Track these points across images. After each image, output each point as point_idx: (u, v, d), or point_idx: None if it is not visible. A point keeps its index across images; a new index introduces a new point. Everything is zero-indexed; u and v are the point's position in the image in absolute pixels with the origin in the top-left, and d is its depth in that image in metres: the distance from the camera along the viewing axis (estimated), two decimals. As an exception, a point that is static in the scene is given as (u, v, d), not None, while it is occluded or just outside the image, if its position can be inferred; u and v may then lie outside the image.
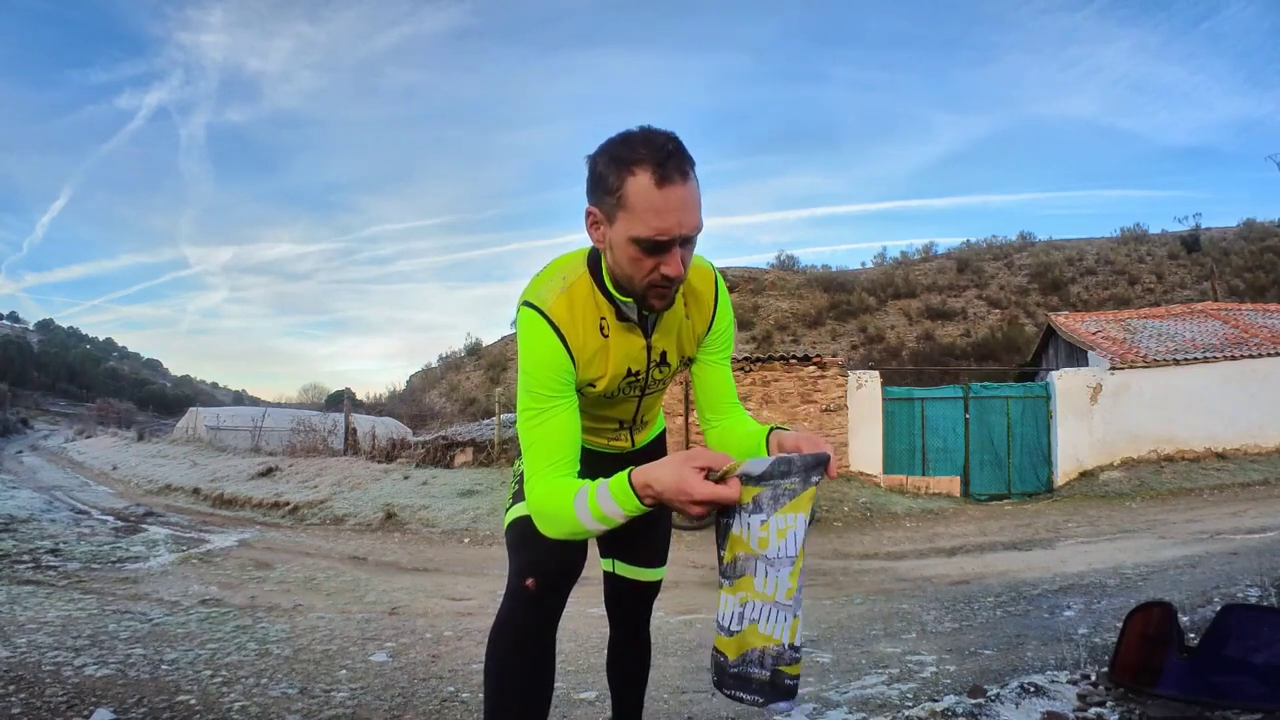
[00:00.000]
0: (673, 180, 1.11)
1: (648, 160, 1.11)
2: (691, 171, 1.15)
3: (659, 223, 1.12)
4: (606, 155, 1.16)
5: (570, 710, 2.51)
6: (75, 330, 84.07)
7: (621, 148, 1.14)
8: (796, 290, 37.13)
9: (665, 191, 1.11)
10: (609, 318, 1.28)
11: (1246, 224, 35.38)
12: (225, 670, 2.92)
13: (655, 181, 1.11)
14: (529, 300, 1.25)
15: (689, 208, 1.14)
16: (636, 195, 1.12)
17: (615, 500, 1.09)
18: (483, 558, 7.08)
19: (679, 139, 1.15)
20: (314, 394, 42.22)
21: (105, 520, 8.71)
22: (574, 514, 1.13)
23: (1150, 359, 12.10)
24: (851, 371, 12.03)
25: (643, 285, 1.19)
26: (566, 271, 1.29)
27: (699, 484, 1.02)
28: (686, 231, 1.15)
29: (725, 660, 1.13)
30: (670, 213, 1.12)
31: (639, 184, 1.12)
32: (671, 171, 1.11)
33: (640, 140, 1.13)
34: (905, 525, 9.08)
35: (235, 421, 22.29)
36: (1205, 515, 8.08)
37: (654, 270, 1.17)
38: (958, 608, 4.20)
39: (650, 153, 1.12)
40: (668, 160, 1.11)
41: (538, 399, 1.22)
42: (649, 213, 1.12)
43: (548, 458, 1.20)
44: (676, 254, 1.16)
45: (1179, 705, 1.51)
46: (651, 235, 1.13)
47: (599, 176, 1.17)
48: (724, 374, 1.44)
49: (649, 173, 1.11)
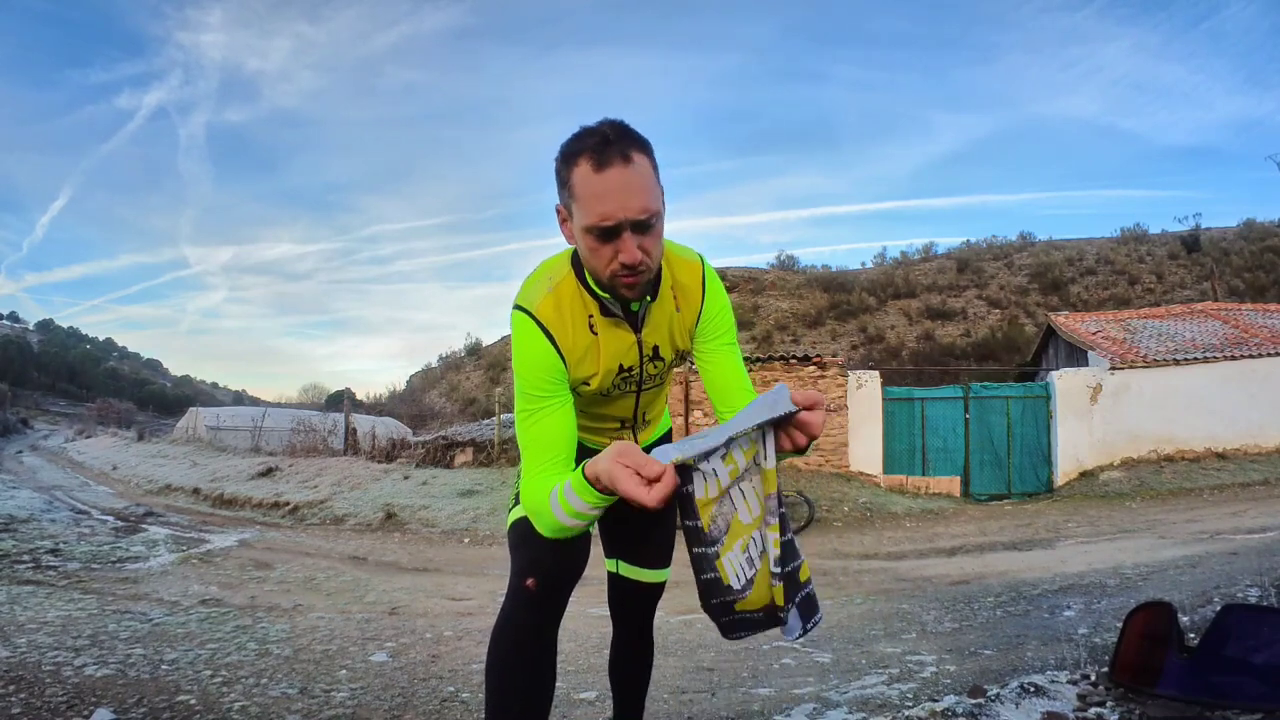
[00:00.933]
0: (611, 164, 1.12)
1: (587, 149, 1.13)
2: (638, 155, 1.14)
3: (601, 208, 1.12)
4: (560, 151, 1.18)
5: (570, 710, 2.51)
6: (75, 330, 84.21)
7: (570, 142, 1.17)
8: (796, 290, 37.13)
9: (603, 176, 1.12)
10: (596, 315, 1.28)
11: (1246, 224, 35.41)
12: (225, 670, 2.92)
13: (593, 167, 1.12)
14: (518, 303, 1.27)
15: (632, 190, 1.12)
16: (580, 184, 1.14)
17: (577, 493, 1.09)
18: (483, 558, 7.08)
19: (625, 124, 1.16)
20: (314, 394, 42.28)
21: (105, 520, 8.71)
22: (550, 510, 1.14)
23: (1150, 359, 12.10)
24: (851, 371, 12.03)
25: (608, 276, 1.19)
26: (553, 272, 1.30)
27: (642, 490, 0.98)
28: (632, 215, 1.13)
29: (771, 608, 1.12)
30: (610, 196, 1.12)
31: (581, 173, 1.13)
32: (610, 156, 1.12)
33: (585, 132, 1.16)
34: (905, 525, 9.08)
35: (235, 421, 22.30)
36: (1205, 515, 8.08)
37: (613, 259, 1.16)
38: (958, 608, 4.20)
39: (589, 141, 1.13)
40: (606, 146, 1.12)
41: (531, 399, 1.23)
42: (591, 199, 1.13)
43: (540, 457, 1.20)
44: (629, 239, 1.14)
45: (1179, 705, 1.51)
46: (596, 222, 1.13)
47: (557, 173, 1.19)
48: (729, 360, 1.38)
49: (588, 160, 1.12)
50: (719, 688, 2.74)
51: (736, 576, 1.12)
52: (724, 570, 1.12)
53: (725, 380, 1.38)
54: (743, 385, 1.38)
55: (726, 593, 1.13)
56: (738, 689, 2.71)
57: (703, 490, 1.08)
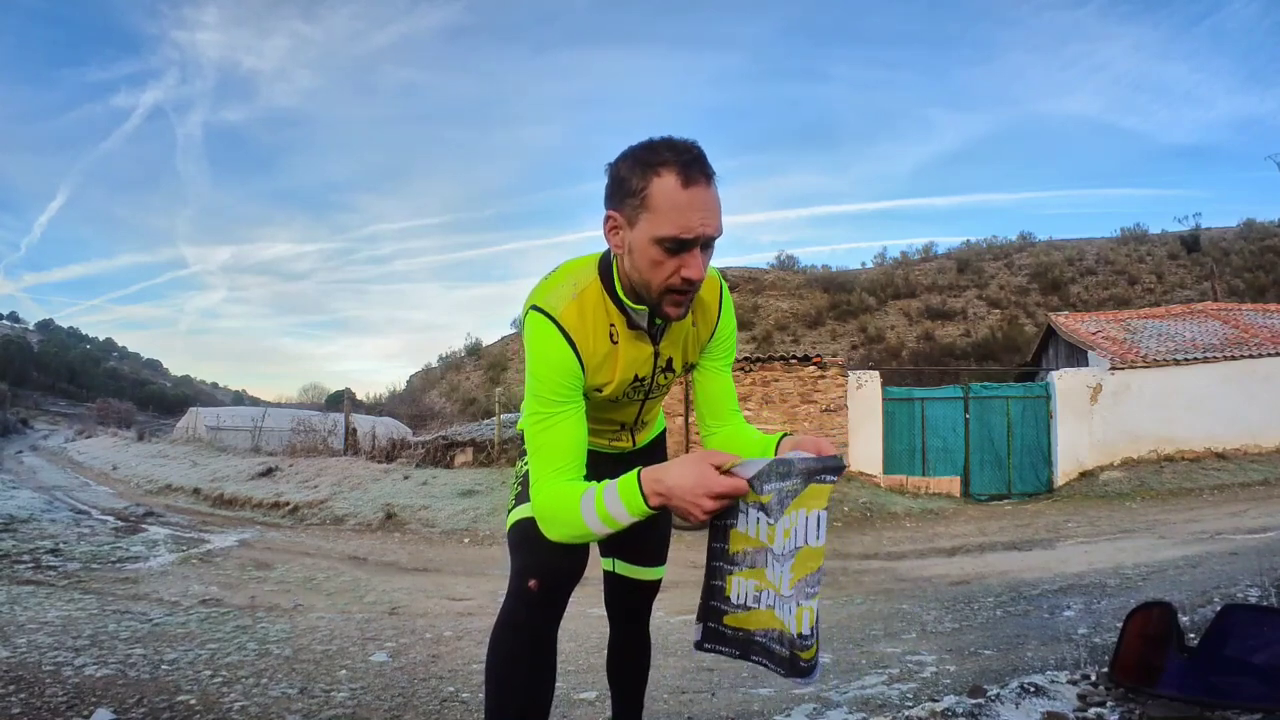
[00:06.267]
0: (698, 181, 1.13)
1: (673, 162, 1.13)
2: (713, 179, 1.17)
3: (684, 221, 1.13)
4: (630, 159, 1.17)
5: (570, 710, 2.51)
6: (75, 330, 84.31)
7: (645, 152, 1.16)
8: (796, 290, 37.14)
9: (690, 191, 1.13)
10: (619, 325, 1.29)
11: (1246, 224, 35.40)
12: (225, 670, 2.92)
13: (681, 182, 1.13)
14: (539, 305, 1.25)
15: (712, 209, 1.16)
16: (661, 195, 1.13)
17: (623, 501, 1.11)
18: (483, 558, 7.08)
19: (700, 146, 1.17)
20: (314, 394, 42.29)
21: (105, 520, 8.70)
22: (580, 516, 1.15)
23: (1150, 359, 12.10)
24: (851, 372, 12.03)
25: (660, 289, 1.20)
26: (577, 277, 1.29)
27: (718, 478, 1.07)
28: (710, 232, 1.16)
29: (744, 632, 1.19)
30: (695, 211, 1.14)
31: (664, 184, 1.13)
32: (696, 173, 1.13)
33: (664, 145, 1.15)
34: (905, 525, 9.08)
35: (235, 421, 22.31)
36: (1205, 515, 8.08)
37: (674, 273, 1.18)
38: (958, 608, 4.20)
39: (675, 155, 1.14)
40: (693, 162, 1.14)
41: (546, 404, 1.22)
42: (674, 211, 1.13)
43: (554, 462, 1.21)
44: (698, 255, 1.17)
45: (1179, 705, 1.51)
46: (676, 234, 1.14)
47: (621, 180, 1.17)
48: (725, 381, 1.46)
49: (674, 173, 1.13)
50: (719, 688, 2.74)
51: (738, 595, 1.20)
52: (730, 585, 1.20)
53: (720, 395, 1.46)
54: (734, 404, 1.47)
55: (724, 601, 1.22)
56: (738, 689, 2.71)
57: (743, 526, 1.16)
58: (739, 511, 1.15)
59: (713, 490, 1.06)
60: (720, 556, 1.20)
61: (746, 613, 1.18)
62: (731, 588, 1.19)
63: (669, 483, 1.08)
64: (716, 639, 1.24)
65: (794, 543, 1.09)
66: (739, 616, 1.19)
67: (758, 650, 1.19)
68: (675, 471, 1.09)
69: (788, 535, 1.09)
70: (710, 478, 1.07)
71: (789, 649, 1.13)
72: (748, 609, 1.18)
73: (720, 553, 1.20)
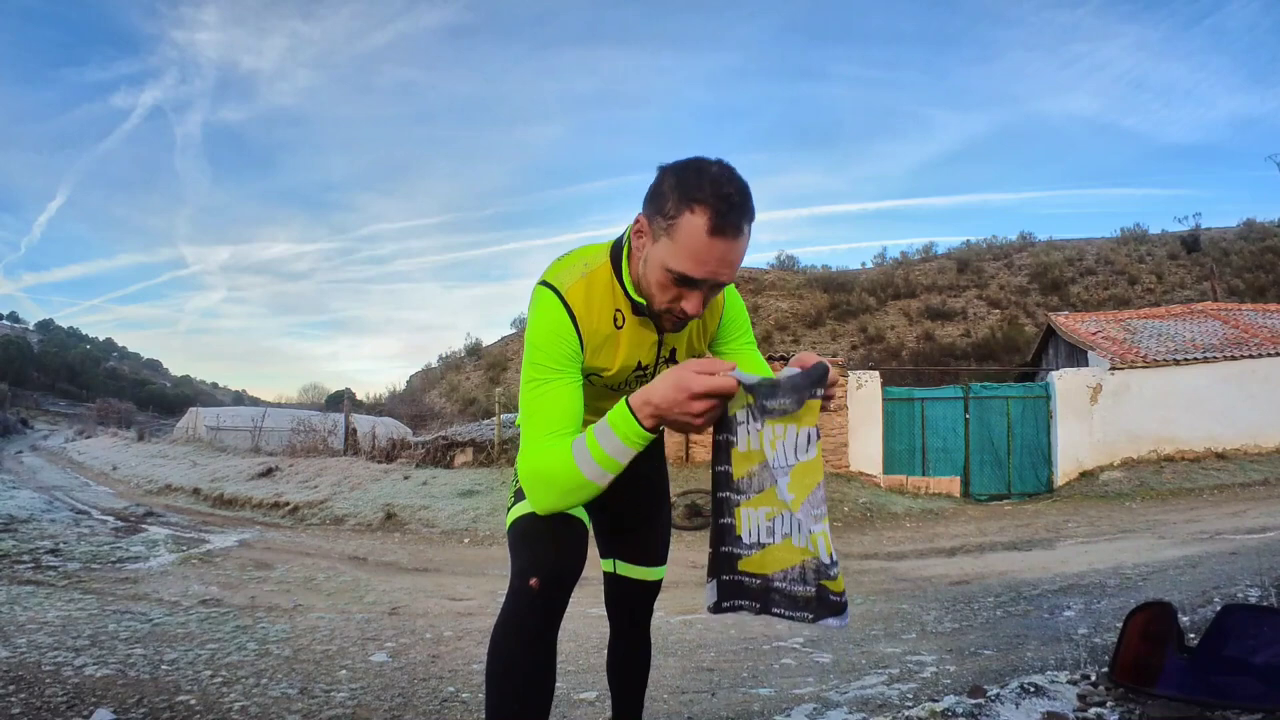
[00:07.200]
0: (726, 232, 1.12)
1: (709, 204, 1.11)
2: (747, 227, 1.16)
3: (699, 264, 1.14)
4: (675, 178, 1.15)
5: (570, 710, 2.51)
6: (75, 330, 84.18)
7: (692, 177, 1.13)
8: (796, 290, 37.15)
9: (714, 241, 1.12)
10: (625, 310, 1.31)
11: (1246, 224, 35.40)
12: (225, 670, 2.92)
13: (709, 228, 1.11)
14: (547, 280, 1.27)
15: (729, 263, 1.15)
16: (688, 231, 1.13)
17: (615, 431, 1.10)
18: (483, 558, 7.08)
19: (748, 191, 1.15)
20: (314, 394, 42.25)
21: (105, 520, 8.70)
22: (574, 465, 1.13)
23: (1150, 359, 12.10)
24: (851, 372, 12.04)
25: (659, 308, 1.23)
26: (589, 260, 1.31)
27: (695, 376, 1.05)
28: (721, 280, 1.18)
29: (761, 579, 1.14)
30: (713, 260, 1.14)
31: (694, 222, 1.12)
32: (728, 225, 1.12)
33: (710, 179, 1.12)
34: (905, 525, 9.08)
35: (235, 421, 22.29)
36: (1205, 515, 8.08)
37: (675, 300, 1.20)
38: (958, 608, 4.20)
39: (715, 198, 1.11)
40: (729, 211, 1.12)
41: (542, 370, 1.23)
42: (693, 252, 1.13)
43: (549, 425, 1.19)
44: (701, 295, 1.19)
45: (1179, 705, 1.51)
46: (687, 272, 1.15)
47: (661, 195, 1.17)
48: (754, 357, 1.47)
49: (707, 216, 1.11)
50: (719, 688, 2.74)
51: (749, 531, 1.14)
52: (740, 519, 1.14)
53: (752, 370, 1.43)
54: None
55: (736, 543, 1.15)
56: (738, 689, 2.71)
57: (744, 443, 1.12)
58: (737, 424, 1.12)
59: (692, 388, 1.04)
60: (726, 484, 1.16)
61: (762, 551, 1.13)
62: (742, 523, 1.14)
63: (655, 397, 1.07)
64: (733, 593, 1.17)
65: (791, 457, 1.08)
66: (754, 559, 1.14)
67: (778, 600, 1.13)
68: (658, 383, 1.08)
69: (784, 443, 1.08)
70: (688, 377, 1.05)
71: (814, 584, 1.08)
72: (762, 546, 1.13)
73: (725, 479, 1.15)
